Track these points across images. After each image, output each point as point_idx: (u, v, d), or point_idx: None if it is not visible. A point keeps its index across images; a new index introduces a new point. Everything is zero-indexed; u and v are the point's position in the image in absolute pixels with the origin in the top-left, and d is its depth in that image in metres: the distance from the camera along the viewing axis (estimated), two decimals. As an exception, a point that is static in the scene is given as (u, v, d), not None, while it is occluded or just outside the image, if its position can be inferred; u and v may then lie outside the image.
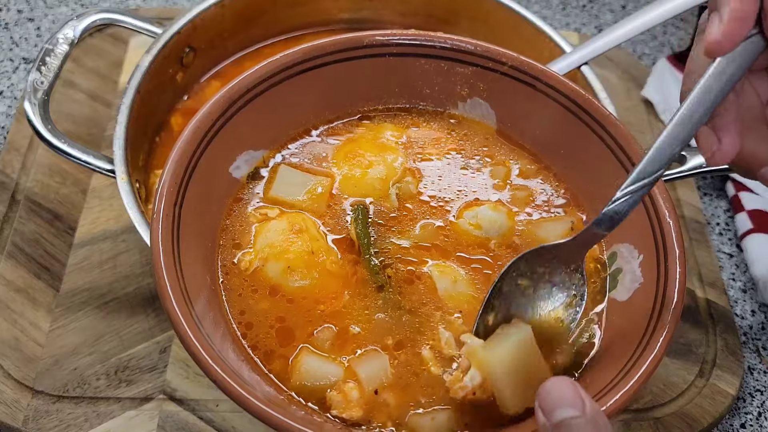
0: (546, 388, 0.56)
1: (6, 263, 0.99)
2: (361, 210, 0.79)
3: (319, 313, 0.72)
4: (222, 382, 0.60)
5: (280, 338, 0.71)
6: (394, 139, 0.85)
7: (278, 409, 0.59)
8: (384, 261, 0.76)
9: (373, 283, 0.74)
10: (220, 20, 1.09)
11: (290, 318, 0.72)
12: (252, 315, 0.72)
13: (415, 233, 0.78)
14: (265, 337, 0.71)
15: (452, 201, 0.81)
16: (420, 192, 0.81)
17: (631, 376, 0.62)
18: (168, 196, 0.68)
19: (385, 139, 0.84)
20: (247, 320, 0.72)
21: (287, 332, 0.71)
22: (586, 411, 0.54)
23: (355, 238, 0.76)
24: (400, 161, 0.83)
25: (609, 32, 1.02)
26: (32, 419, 0.87)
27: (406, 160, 0.83)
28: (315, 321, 0.72)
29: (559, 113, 0.80)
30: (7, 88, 1.23)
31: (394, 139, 0.85)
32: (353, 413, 0.67)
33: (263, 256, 0.74)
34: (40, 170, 1.09)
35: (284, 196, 0.80)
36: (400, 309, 0.73)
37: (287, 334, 0.71)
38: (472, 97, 0.85)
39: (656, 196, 0.72)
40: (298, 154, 0.83)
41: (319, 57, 0.80)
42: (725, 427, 0.94)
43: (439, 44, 0.82)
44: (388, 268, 0.75)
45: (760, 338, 1.02)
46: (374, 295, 0.74)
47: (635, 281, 0.73)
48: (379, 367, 0.70)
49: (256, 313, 0.72)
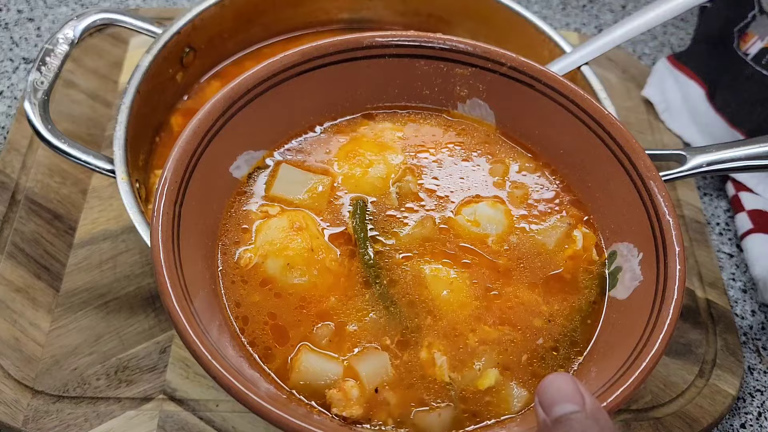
0: (545, 384, 0.55)
1: (6, 263, 0.99)
2: (360, 206, 0.79)
3: (318, 310, 0.73)
4: (221, 379, 0.60)
5: (278, 335, 0.71)
6: (395, 138, 0.85)
7: (278, 405, 0.59)
8: (380, 257, 0.76)
9: (368, 278, 0.74)
10: (220, 20, 1.09)
11: (289, 315, 0.72)
12: (251, 312, 0.72)
13: (414, 230, 0.78)
14: (263, 334, 0.71)
15: (451, 198, 0.81)
16: (420, 190, 0.81)
17: (632, 372, 0.63)
18: (168, 194, 0.68)
19: (385, 138, 0.85)
20: (246, 317, 0.72)
21: (286, 329, 0.72)
22: (586, 406, 0.53)
23: (352, 233, 0.77)
24: (400, 160, 0.83)
25: (609, 32, 1.02)
26: (32, 419, 0.87)
27: (406, 158, 0.83)
28: (314, 318, 0.72)
29: (558, 113, 0.80)
30: (7, 88, 1.23)
31: (395, 138, 0.85)
32: (353, 411, 0.67)
33: (263, 252, 0.75)
34: (40, 170, 1.09)
35: (285, 195, 0.80)
36: (396, 305, 0.73)
37: (286, 331, 0.71)
38: (471, 97, 0.85)
39: (655, 195, 0.72)
40: (299, 152, 0.83)
41: (319, 58, 0.80)
42: (725, 427, 0.94)
43: (439, 45, 0.82)
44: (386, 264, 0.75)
45: (760, 338, 1.02)
46: (371, 291, 0.74)
47: (635, 279, 0.73)
48: (378, 365, 0.70)
49: (255, 309, 0.72)
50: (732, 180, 1.16)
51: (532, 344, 0.72)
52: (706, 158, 0.93)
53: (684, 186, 1.16)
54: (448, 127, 0.87)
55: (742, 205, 1.12)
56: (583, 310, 0.75)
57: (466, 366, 0.71)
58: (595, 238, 0.79)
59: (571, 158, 0.82)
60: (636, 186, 0.74)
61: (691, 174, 0.92)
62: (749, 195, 1.13)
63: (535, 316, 0.74)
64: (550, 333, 0.73)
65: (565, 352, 0.72)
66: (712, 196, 1.18)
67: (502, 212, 0.80)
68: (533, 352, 0.72)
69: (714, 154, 0.92)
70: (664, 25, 1.44)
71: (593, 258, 0.78)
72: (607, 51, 1.01)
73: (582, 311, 0.75)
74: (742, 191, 1.14)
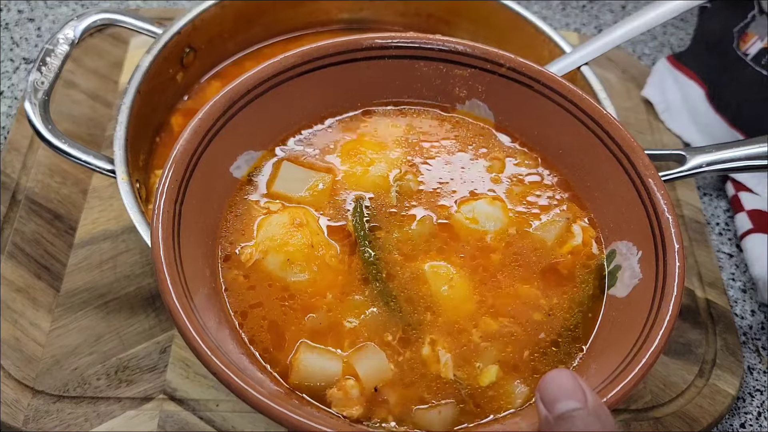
0: (546, 380, 0.55)
1: (6, 263, 0.99)
2: (360, 203, 0.79)
3: (318, 307, 0.73)
4: (221, 374, 0.60)
5: (278, 332, 0.71)
6: (396, 136, 0.85)
7: (280, 402, 0.59)
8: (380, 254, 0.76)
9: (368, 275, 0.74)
10: (220, 20, 1.09)
11: (289, 311, 0.72)
12: (251, 308, 0.72)
13: (414, 227, 0.78)
14: (263, 331, 0.71)
15: (451, 196, 0.81)
16: (420, 188, 0.81)
17: (631, 368, 0.63)
18: (169, 193, 0.68)
19: (387, 136, 0.85)
20: (246, 313, 0.72)
21: (286, 326, 0.72)
22: (587, 403, 0.53)
23: (352, 230, 0.77)
24: (401, 158, 0.83)
25: (609, 32, 1.03)
26: (33, 419, 0.87)
27: (406, 157, 0.84)
28: (313, 314, 0.72)
29: (557, 113, 0.80)
30: (7, 88, 1.23)
31: (396, 136, 0.85)
32: (354, 411, 0.67)
33: (263, 248, 0.75)
34: (40, 170, 1.09)
35: (286, 192, 0.80)
36: (396, 301, 0.73)
37: (286, 328, 0.72)
38: (470, 98, 0.86)
39: (654, 193, 0.72)
40: (301, 150, 0.83)
41: (319, 59, 0.80)
42: (725, 427, 0.94)
43: (438, 47, 0.82)
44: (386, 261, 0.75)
45: (759, 338, 1.02)
46: (371, 288, 0.74)
47: (634, 277, 0.73)
48: (378, 363, 0.70)
49: (255, 306, 0.72)
50: (732, 180, 1.16)
51: (533, 339, 0.72)
52: (706, 158, 0.93)
53: (684, 186, 1.17)
54: (447, 125, 0.87)
55: (741, 205, 1.12)
56: (583, 304, 0.75)
57: (469, 363, 0.71)
58: (594, 232, 0.79)
59: (571, 158, 0.82)
60: (635, 184, 0.74)
61: (691, 174, 0.92)
62: (749, 195, 1.14)
63: (535, 310, 0.74)
64: (551, 327, 0.73)
65: (566, 348, 0.72)
66: (711, 196, 1.18)
67: (500, 209, 0.80)
68: (534, 347, 0.72)
69: (714, 154, 0.92)
70: (664, 26, 1.44)
71: (593, 252, 0.78)
72: (607, 51, 1.01)
73: (582, 305, 0.75)
74: (741, 191, 1.14)
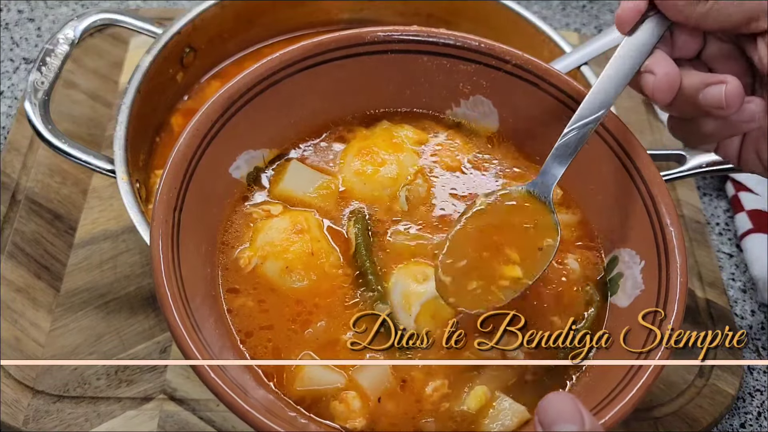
0: (545, 403, 0.55)
1: (6, 263, 0.99)
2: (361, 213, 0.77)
3: (317, 316, 0.71)
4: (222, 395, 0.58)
5: (279, 343, 0.70)
6: (409, 140, 0.83)
7: (278, 422, 0.58)
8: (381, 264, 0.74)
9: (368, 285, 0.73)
10: (220, 20, 1.09)
11: (290, 322, 0.71)
12: (251, 319, 0.71)
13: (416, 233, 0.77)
14: (263, 342, 0.70)
15: (459, 204, 0.80)
16: (430, 195, 0.80)
17: (629, 390, 0.62)
18: (167, 201, 0.67)
19: (396, 140, 0.83)
20: (246, 324, 0.70)
21: (287, 337, 0.70)
22: (585, 426, 0.54)
23: (353, 239, 0.75)
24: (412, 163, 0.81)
25: (609, 32, 1.03)
26: (33, 419, 0.87)
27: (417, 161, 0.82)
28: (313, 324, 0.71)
29: (563, 112, 0.79)
30: (7, 88, 1.23)
31: (409, 140, 0.83)
32: (357, 423, 0.66)
33: (263, 254, 0.73)
34: (40, 170, 1.09)
35: (294, 190, 0.78)
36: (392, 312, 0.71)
37: (287, 340, 0.70)
38: (474, 94, 0.84)
39: (658, 202, 0.71)
40: (308, 150, 0.82)
41: (320, 54, 0.78)
42: (725, 426, 0.94)
43: (442, 41, 0.80)
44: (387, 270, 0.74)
45: (760, 338, 1.02)
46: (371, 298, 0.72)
47: (636, 288, 0.71)
48: (380, 374, 0.68)
49: (254, 315, 0.71)
50: (732, 180, 1.16)
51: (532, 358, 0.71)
52: (706, 158, 0.93)
53: (684, 186, 1.16)
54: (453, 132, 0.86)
55: (741, 205, 1.12)
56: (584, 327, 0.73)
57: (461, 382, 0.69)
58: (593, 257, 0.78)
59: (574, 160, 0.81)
60: (640, 192, 0.72)
61: (691, 174, 0.92)
62: (749, 195, 1.13)
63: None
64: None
65: (564, 368, 0.70)
66: (711, 196, 1.18)
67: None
68: (532, 369, 0.70)
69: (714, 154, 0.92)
70: (664, 25, 1.44)
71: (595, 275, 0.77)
72: (607, 51, 1.01)
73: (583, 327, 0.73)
74: (741, 191, 1.14)
